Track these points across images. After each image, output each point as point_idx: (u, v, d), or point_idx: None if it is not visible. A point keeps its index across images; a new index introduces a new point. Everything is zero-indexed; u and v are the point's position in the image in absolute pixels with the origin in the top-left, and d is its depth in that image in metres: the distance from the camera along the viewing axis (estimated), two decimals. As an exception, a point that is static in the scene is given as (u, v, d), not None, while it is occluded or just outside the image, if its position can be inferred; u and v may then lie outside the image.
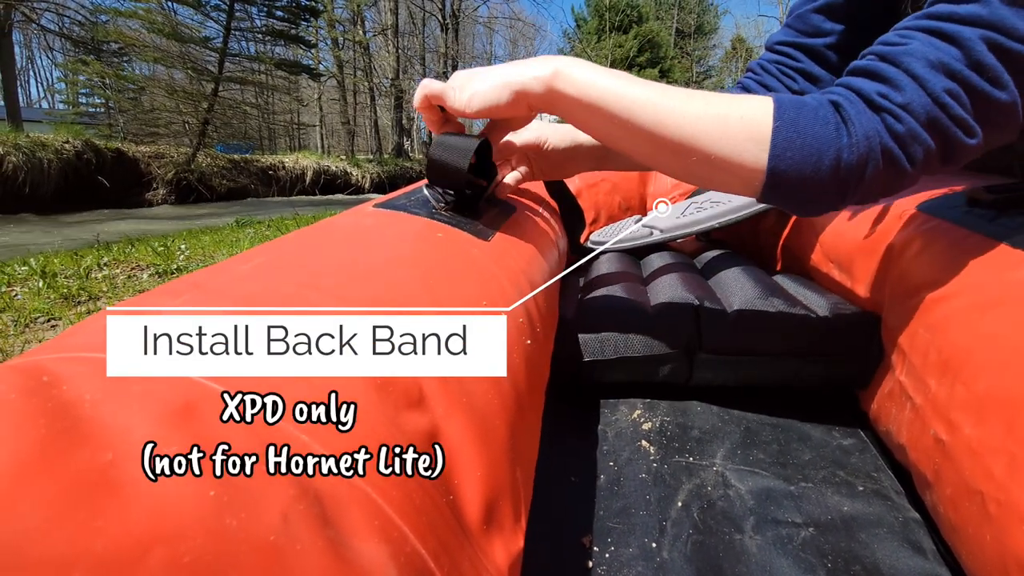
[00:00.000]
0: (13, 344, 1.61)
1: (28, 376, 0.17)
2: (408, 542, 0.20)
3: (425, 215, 0.45)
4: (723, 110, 0.41)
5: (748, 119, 0.40)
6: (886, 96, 0.38)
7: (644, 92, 0.41)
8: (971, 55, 0.36)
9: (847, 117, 0.39)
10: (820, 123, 0.39)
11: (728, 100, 0.41)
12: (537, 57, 0.45)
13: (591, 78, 0.42)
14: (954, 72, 0.37)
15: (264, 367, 0.21)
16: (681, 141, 0.41)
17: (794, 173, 0.39)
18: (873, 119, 0.38)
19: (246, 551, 0.15)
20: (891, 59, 0.39)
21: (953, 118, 0.37)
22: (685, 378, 0.66)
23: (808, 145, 0.39)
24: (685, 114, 0.41)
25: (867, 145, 0.38)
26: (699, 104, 0.41)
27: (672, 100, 0.41)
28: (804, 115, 0.39)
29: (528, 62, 0.44)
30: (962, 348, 0.43)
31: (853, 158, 0.38)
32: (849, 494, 0.52)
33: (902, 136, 0.38)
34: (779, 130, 0.39)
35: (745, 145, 0.40)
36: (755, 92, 0.65)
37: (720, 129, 0.40)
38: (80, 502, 0.14)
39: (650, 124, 0.41)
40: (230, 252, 3.15)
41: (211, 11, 10.99)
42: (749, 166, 0.40)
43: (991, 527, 0.35)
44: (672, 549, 0.45)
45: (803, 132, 0.39)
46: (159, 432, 0.16)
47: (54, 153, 7.75)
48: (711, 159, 0.41)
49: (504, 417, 0.31)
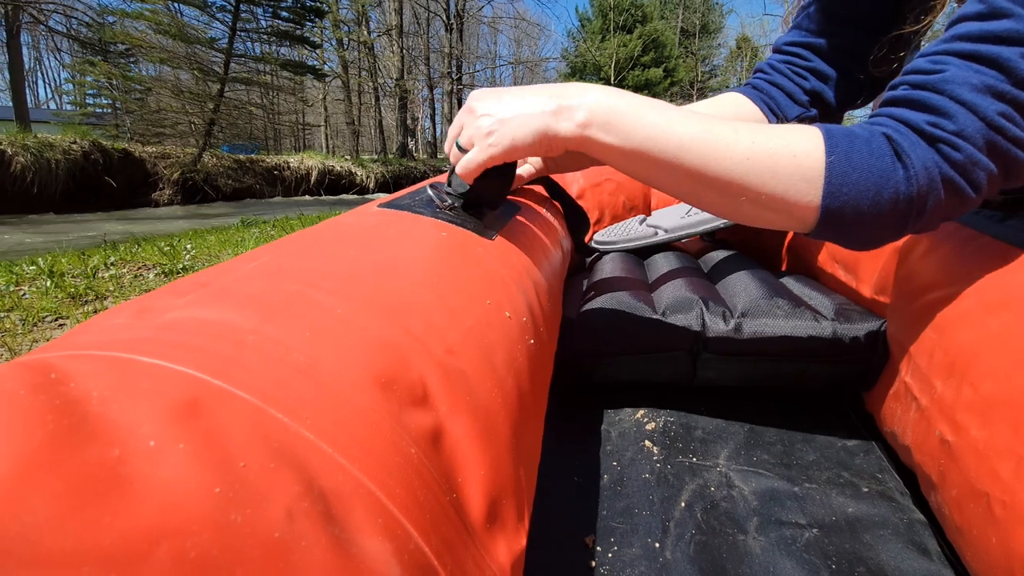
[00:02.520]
0: (21, 343, 1.62)
1: (36, 373, 0.17)
2: (412, 540, 0.20)
3: (429, 215, 0.45)
4: (772, 147, 0.39)
5: (800, 156, 0.38)
6: (937, 125, 0.37)
7: (687, 131, 0.39)
8: (1015, 74, 0.35)
9: (901, 150, 0.37)
10: (875, 156, 0.37)
11: (776, 136, 0.39)
12: (576, 87, 0.41)
13: (629, 125, 0.40)
14: (1002, 93, 0.36)
15: (269, 365, 0.21)
16: (729, 182, 0.39)
17: (850, 210, 0.38)
18: (928, 150, 0.37)
19: (251, 547, 0.15)
20: (932, 87, 0.38)
21: (1011, 139, 0.36)
22: (689, 378, 0.66)
23: (864, 180, 0.37)
24: (733, 155, 0.39)
25: (927, 176, 0.37)
26: (746, 142, 0.39)
27: (717, 139, 0.39)
28: (857, 148, 0.38)
29: (564, 97, 0.41)
30: (969, 349, 0.42)
31: (913, 191, 0.37)
32: (853, 495, 0.51)
33: (962, 164, 0.37)
34: (832, 165, 0.38)
35: (798, 185, 0.38)
36: (766, 92, 0.64)
37: (770, 169, 0.38)
38: (88, 498, 0.14)
39: (694, 166, 0.39)
40: (235, 252, 3.17)
41: (217, 12, 11.05)
42: (803, 205, 0.39)
43: (996, 529, 0.34)
44: (675, 549, 0.45)
45: (858, 166, 0.37)
46: (166, 429, 0.17)
47: (62, 153, 7.81)
48: (761, 199, 0.39)
49: (507, 416, 0.31)
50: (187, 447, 0.16)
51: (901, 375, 0.52)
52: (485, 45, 30.64)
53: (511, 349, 0.36)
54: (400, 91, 16.57)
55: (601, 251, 1.02)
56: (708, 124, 0.40)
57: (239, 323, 0.23)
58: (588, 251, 1.02)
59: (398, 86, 16.63)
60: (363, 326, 0.26)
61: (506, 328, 0.36)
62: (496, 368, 0.32)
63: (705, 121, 0.40)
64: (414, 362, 0.26)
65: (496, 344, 0.34)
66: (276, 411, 0.19)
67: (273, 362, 0.21)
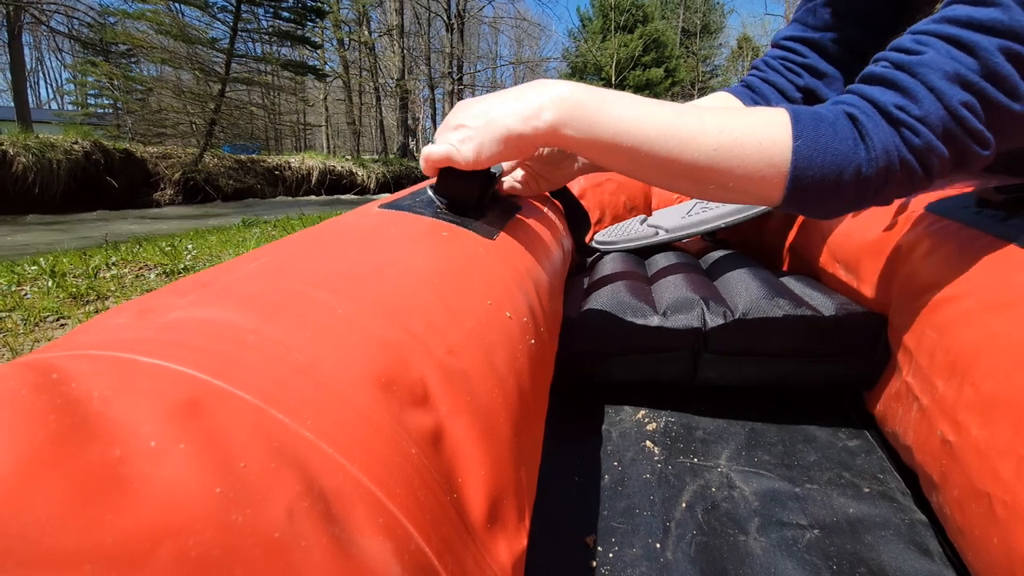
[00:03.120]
0: (23, 343, 1.62)
1: (38, 373, 0.17)
2: (412, 540, 0.20)
3: (430, 215, 0.45)
4: (738, 136, 0.40)
5: (766, 144, 0.40)
6: (903, 108, 0.38)
7: (655, 124, 0.40)
8: (988, 66, 0.36)
9: (865, 132, 0.39)
10: (839, 139, 0.39)
11: (744, 124, 0.40)
12: (536, 86, 0.42)
13: (596, 119, 0.40)
14: (970, 83, 0.36)
15: (269, 365, 0.21)
16: (698, 171, 0.41)
17: (814, 189, 0.40)
18: (891, 132, 0.38)
19: (251, 546, 0.15)
20: (907, 68, 0.39)
21: (968, 131, 0.37)
22: (690, 378, 0.66)
23: (828, 162, 0.39)
24: (701, 145, 0.40)
25: (886, 159, 0.38)
26: (713, 132, 0.40)
27: (685, 130, 0.40)
28: (823, 131, 0.39)
29: (526, 99, 0.41)
30: (970, 349, 0.42)
31: (872, 171, 0.39)
32: (855, 496, 0.51)
33: (919, 148, 0.38)
34: (798, 150, 0.39)
35: (764, 170, 0.40)
36: (759, 90, 0.64)
37: (737, 158, 0.40)
38: (90, 497, 0.14)
39: (663, 157, 0.40)
40: (236, 252, 3.17)
41: (218, 12, 11.06)
42: (769, 188, 0.41)
43: (998, 529, 0.34)
44: (676, 550, 0.45)
45: (823, 149, 0.39)
46: (167, 428, 0.17)
47: (63, 154, 7.82)
48: (729, 184, 0.41)
49: (508, 416, 0.31)
50: (188, 447, 0.16)
51: (902, 375, 0.52)
52: (486, 45, 30.66)
53: (512, 349, 0.36)
54: (401, 91, 16.58)
55: (602, 251, 1.02)
56: (676, 116, 0.40)
57: (240, 323, 0.23)
58: (589, 251, 1.02)
59: (399, 86, 16.64)
60: (364, 326, 0.26)
61: (507, 328, 0.36)
62: (497, 368, 0.32)
63: (673, 112, 0.41)
64: (415, 362, 0.26)
65: (497, 344, 0.34)
66: (277, 411, 0.19)
67: (274, 362, 0.21)
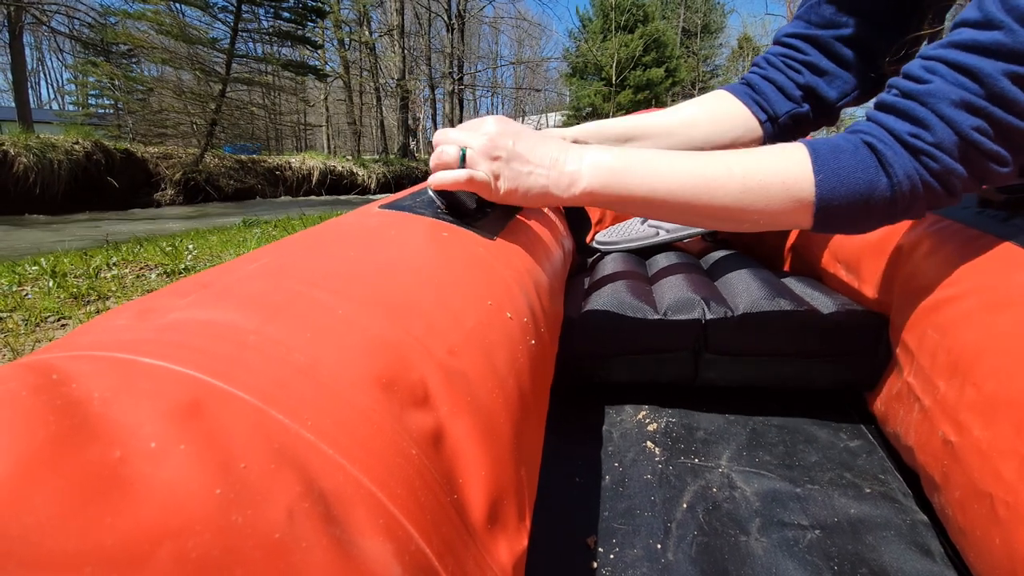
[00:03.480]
0: (24, 343, 1.63)
1: (38, 374, 0.17)
2: (412, 540, 0.20)
3: (431, 215, 0.45)
4: (762, 179, 0.42)
5: (790, 182, 0.42)
6: (918, 136, 0.40)
7: (683, 179, 0.43)
8: (993, 90, 0.37)
9: (885, 160, 0.41)
10: (860, 168, 0.41)
11: (766, 165, 0.43)
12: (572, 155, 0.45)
13: (627, 183, 0.44)
14: (979, 108, 0.38)
15: (270, 366, 0.21)
16: (729, 214, 0.44)
17: (841, 217, 0.43)
18: (910, 159, 0.40)
19: (252, 547, 0.15)
20: (918, 98, 0.40)
21: (984, 152, 0.39)
22: (691, 379, 0.66)
23: (851, 191, 0.41)
24: (728, 192, 0.43)
25: (909, 183, 0.41)
26: (739, 177, 0.43)
27: (712, 180, 0.43)
28: (843, 162, 0.41)
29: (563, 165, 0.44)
30: (972, 349, 0.42)
31: (896, 195, 0.41)
32: (856, 496, 0.51)
33: (939, 172, 0.40)
34: (821, 184, 0.42)
35: (791, 206, 0.43)
36: (759, 88, 0.64)
37: (764, 199, 0.43)
38: (90, 498, 0.14)
39: (694, 207, 0.44)
40: (237, 252, 3.17)
41: (218, 12, 11.06)
42: (798, 219, 0.44)
43: (1000, 529, 0.34)
44: (677, 550, 0.45)
45: (844, 180, 0.41)
46: (167, 430, 0.17)
47: (64, 154, 7.83)
48: (760, 221, 0.44)
49: (509, 417, 0.31)
50: (188, 448, 0.16)
51: (904, 375, 0.52)
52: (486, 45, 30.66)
53: (512, 350, 0.36)
54: (401, 91, 16.58)
55: (602, 251, 1.02)
56: (702, 167, 0.44)
57: (241, 324, 0.23)
58: (589, 251, 1.02)
59: (399, 86, 16.64)
60: (364, 327, 0.26)
61: (507, 329, 0.36)
62: (497, 369, 0.32)
63: (700, 165, 0.44)
64: (415, 363, 0.26)
65: (497, 345, 0.34)
66: (277, 412, 0.19)
67: (274, 363, 0.21)
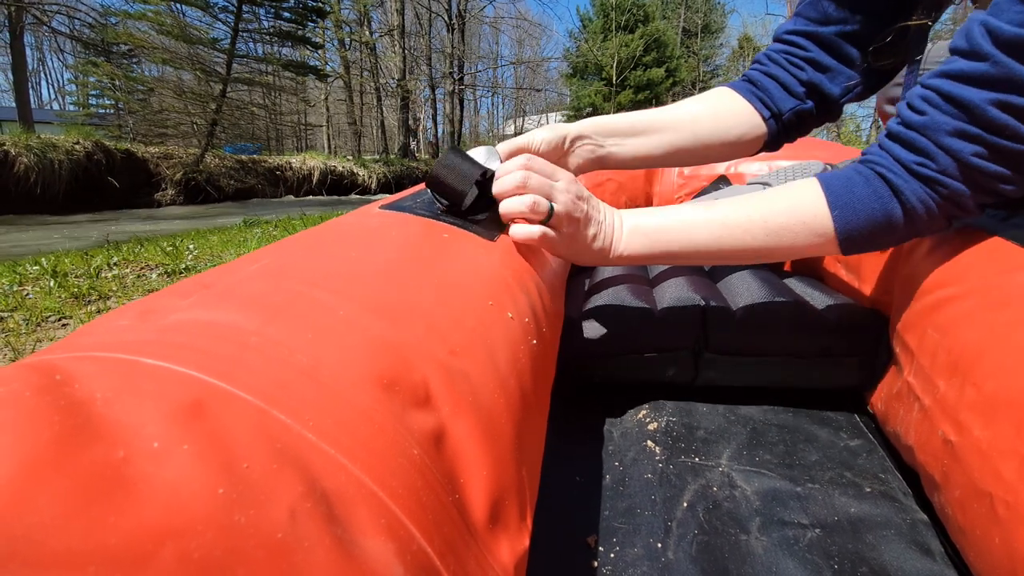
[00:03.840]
0: (25, 343, 1.63)
1: (42, 374, 0.17)
2: (414, 540, 0.20)
3: (431, 216, 0.45)
4: (783, 221, 0.46)
5: (809, 220, 0.46)
6: (924, 165, 0.43)
7: (708, 233, 0.47)
8: (983, 119, 0.40)
9: (897, 188, 0.44)
10: (874, 198, 0.44)
11: (783, 207, 0.46)
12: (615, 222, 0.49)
13: (660, 245, 0.48)
14: (974, 136, 0.40)
15: (272, 367, 0.21)
16: (756, 255, 0.48)
17: (865, 240, 0.46)
18: (919, 186, 0.43)
19: (254, 547, 0.15)
20: (918, 129, 0.43)
21: (987, 174, 0.41)
22: (691, 378, 0.66)
23: (869, 219, 0.45)
24: (752, 237, 0.47)
25: (923, 207, 0.44)
26: (759, 224, 0.47)
27: (735, 229, 0.47)
28: (857, 194, 0.45)
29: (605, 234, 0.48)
30: (972, 349, 0.42)
31: (914, 218, 0.44)
32: (856, 495, 0.51)
33: (948, 196, 0.43)
34: (838, 218, 0.45)
35: (813, 240, 0.46)
36: (761, 84, 0.63)
37: (787, 240, 0.47)
38: (93, 498, 0.14)
39: (723, 253, 0.48)
40: (238, 252, 3.17)
41: (219, 13, 11.06)
42: (824, 248, 0.47)
43: (1000, 529, 0.34)
44: (677, 550, 0.45)
45: (861, 212, 0.45)
46: (169, 430, 0.17)
47: (65, 154, 7.83)
48: (786, 256, 0.49)
49: (510, 417, 0.31)
50: (191, 448, 0.16)
51: (904, 375, 0.52)
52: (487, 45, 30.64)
53: (513, 349, 0.36)
54: (402, 91, 16.57)
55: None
56: (723, 219, 0.48)
57: (242, 324, 0.23)
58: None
59: (400, 86, 16.64)
60: (365, 327, 0.26)
61: (508, 329, 0.36)
62: (499, 369, 0.32)
63: (722, 216, 0.48)
64: (416, 363, 0.27)
65: (498, 345, 0.34)
66: (279, 412, 0.19)
67: (276, 363, 0.22)
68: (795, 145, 1.15)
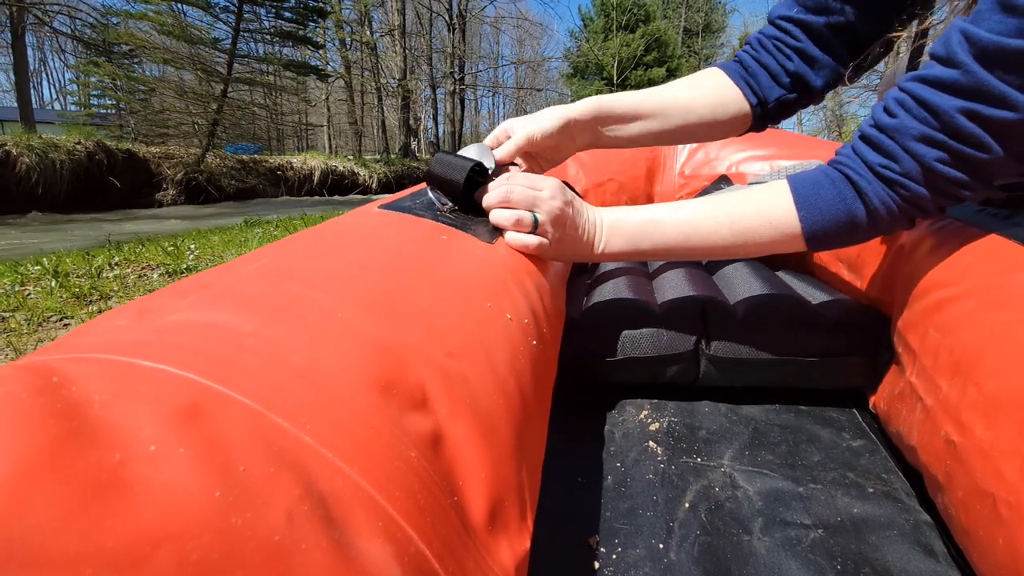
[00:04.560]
0: (26, 343, 1.63)
1: (38, 376, 0.17)
2: (412, 543, 0.20)
3: (430, 217, 0.45)
4: (749, 222, 0.49)
5: (775, 221, 0.49)
6: (887, 167, 0.44)
7: (677, 235, 0.51)
8: (950, 126, 0.41)
9: (861, 188, 0.46)
10: (838, 199, 0.47)
11: (751, 210, 0.49)
12: (597, 221, 0.53)
13: (634, 244, 0.53)
14: (939, 142, 0.41)
15: (268, 369, 0.21)
16: (725, 252, 0.52)
17: (830, 238, 0.48)
18: (882, 187, 0.45)
19: (251, 550, 0.15)
20: (888, 132, 0.44)
21: (948, 179, 0.42)
22: (693, 378, 0.66)
23: (832, 220, 0.47)
24: (721, 238, 0.50)
25: (885, 208, 0.45)
26: (726, 225, 0.50)
27: (704, 232, 0.51)
28: (822, 195, 0.47)
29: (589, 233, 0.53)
30: (974, 349, 0.42)
31: (875, 218, 0.46)
32: (859, 496, 0.51)
33: (909, 199, 0.44)
34: (805, 218, 0.48)
35: (780, 239, 0.49)
36: (751, 69, 0.64)
37: (755, 239, 0.50)
38: (90, 501, 0.14)
39: (694, 253, 0.53)
40: (239, 252, 3.17)
41: (220, 13, 11.07)
42: (790, 246, 0.50)
43: (1003, 530, 0.34)
44: (680, 550, 0.45)
45: (824, 212, 0.47)
46: (166, 433, 0.17)
47: (66, 154, 7.85)
48: (753, 254, 0.52)
49: (509, 418, 0.31)
50: (187, 451, 0.16)
51: (906, 375, 0.52)
52: (487, 45, 30.61)
53: (513, 351, 0.36)
54: (403, 91, 16.58)
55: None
56: (694, 222, 0.51)
57: (239, 326, 0.23)
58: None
59: (401, 86, 16.64)
60: (363, 329, 0.26)
61: (508, 330, 0.36)
62: (497, 370, 0.32)
63: (689, 216, 0.52)
64: (413, 365, 0.26)
65: (497, 346, 0.34)
66: (276, 415, 0.19)
67: (273, 365, 0.21)
68: (797, 145, 1.14)
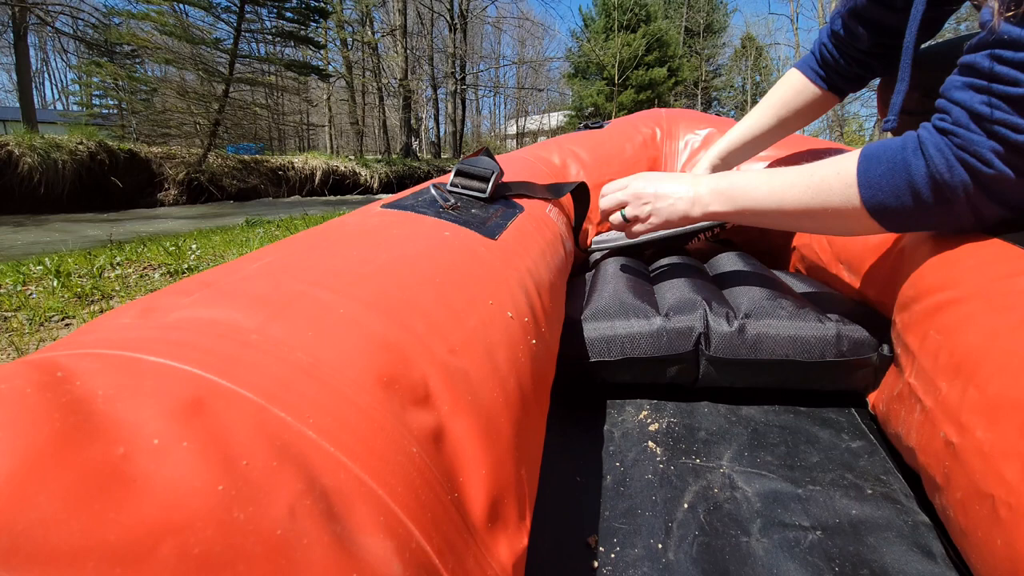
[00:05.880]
0: (28, 342, 1.63)
1: (43, 371, 0.17)
2: (413, 538, 0.20)
3: (432, 215, 0.45)
4: (824, 173, 0.54)
5: (842, 171, 0.52)
6: (943, 119, 0.48)
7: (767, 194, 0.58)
8: (983, 72, 0.45)
9: (923, 141, 0.48)
10: (897, 150, 0.49)
11: (828, 165, 0.54)
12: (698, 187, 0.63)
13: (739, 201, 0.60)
14: (979, 87, 0.45)
15: (272, 364, 0.21)
16: (805, 209, 0.55)
17: (887, 197, 0.50)
18: (939, 138, 0.48)
19: (253, 544, 0.15)
20: (941, 94, 0.49)
21: (995, 121, 0.44)
22: (692, 379, 0.66)
23: (889, 171, 0.49)
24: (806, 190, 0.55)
25: (942, 157, 0.47)
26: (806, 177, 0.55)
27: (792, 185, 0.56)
28: (885, 148, 0.50)
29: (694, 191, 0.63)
30: (974, 351, 0.42)
31: (932, 172, 0.47)
32: (858, 497, 0.51)
33: (963, 145, 0.46)
34: (860, 166, 0.51)
35: (844, 191, 0.52)
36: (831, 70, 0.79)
37: (825, 191, 0.53)
38: (93, 494, 0.14)
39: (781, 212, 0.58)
40: (240, 251, 3.18)
41: (221, 13, 11.09)
42: (850, 207, 0.52)
43: (1002, 531, 0.34)
44: (678, 551, 0.45)
45: (880, 161, 0.50)
46: (170, 427, 0.17)
47: (68, 154, 7.86)
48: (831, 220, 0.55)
49: (509, 416, 0.31)
50: (191, 445, 0.16)
51: (906, 376, 0.52)
52: (489, 45, 30.62)
53: (513, 349, 0.36)
54: (404, 91, 16.59)
55: (603, 249, 1.02)
56: (782, 179, 0.57)
57: (243, 322, 0.23)
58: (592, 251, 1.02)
59: (402, 86, 16.66)
60: (366, 326, 0.26)
61: (508, 328, 0.37)
62: (498, 368, 0.32)
63: (781, 176, 0.58)
64: (416, 362, 0.27)
65: (498, 344, 0.34)
66: (279, 410, 0.19)
67: (276, 361, 0.22)
68: (797, 145, 1.15)
